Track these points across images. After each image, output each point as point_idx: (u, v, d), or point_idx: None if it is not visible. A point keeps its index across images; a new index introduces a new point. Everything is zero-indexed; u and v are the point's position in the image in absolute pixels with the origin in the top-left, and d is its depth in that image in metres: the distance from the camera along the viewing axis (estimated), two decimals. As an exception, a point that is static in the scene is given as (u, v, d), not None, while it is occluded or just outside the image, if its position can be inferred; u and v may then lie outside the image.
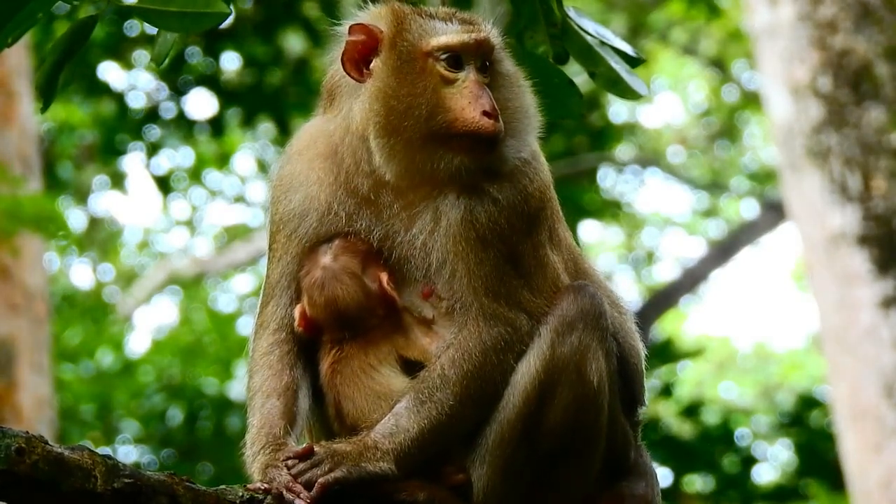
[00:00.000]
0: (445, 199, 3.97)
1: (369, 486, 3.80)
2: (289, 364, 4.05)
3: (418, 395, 3.86)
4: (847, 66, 10.41)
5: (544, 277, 3.98)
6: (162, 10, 4.01)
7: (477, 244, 3.93)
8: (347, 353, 4.01)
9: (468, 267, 3.93)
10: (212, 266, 22.24)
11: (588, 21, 4.41)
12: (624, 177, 21.84)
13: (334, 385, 4.00)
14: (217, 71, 14.83)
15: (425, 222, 3.97)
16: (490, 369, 3.89)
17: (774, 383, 22.67)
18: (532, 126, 4.06)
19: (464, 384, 3.87)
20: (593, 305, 3.92)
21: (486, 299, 3.92)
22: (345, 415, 3.97)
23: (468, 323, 3.92)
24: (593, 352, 3.89)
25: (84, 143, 18.27)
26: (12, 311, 10.60)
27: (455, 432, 3.88)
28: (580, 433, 3.89)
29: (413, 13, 4.01)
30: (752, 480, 15.60)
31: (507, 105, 4.00)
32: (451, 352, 3.90)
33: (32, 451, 3.43)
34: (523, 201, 3.99)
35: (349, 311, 4.00)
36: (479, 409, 3.89)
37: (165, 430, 16.92)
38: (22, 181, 10.14)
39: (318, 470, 3.77)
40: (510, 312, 3.92)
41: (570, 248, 4.16)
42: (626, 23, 19.34)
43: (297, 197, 4.09)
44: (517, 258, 3.96)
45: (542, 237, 4.02)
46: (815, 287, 10.50)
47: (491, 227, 3.94)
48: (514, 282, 3.94)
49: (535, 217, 4.01)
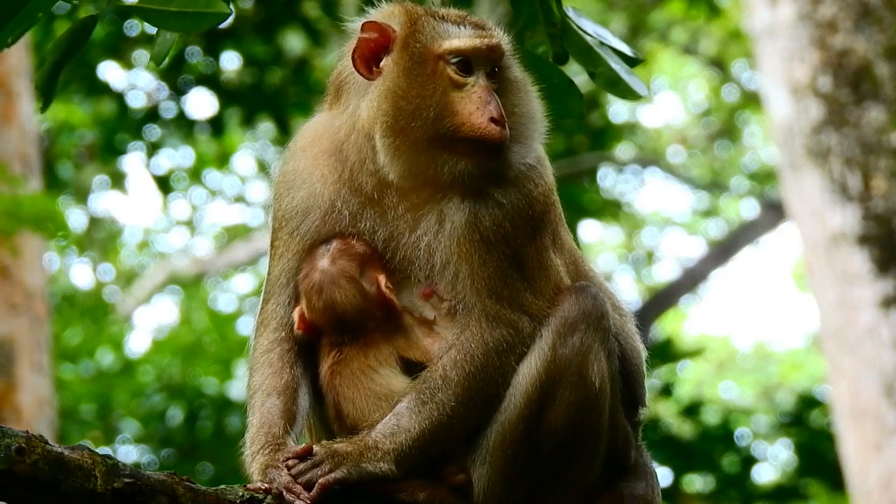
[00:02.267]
0: (450, 203, 3.97)
1: (370, 486, 3.80)
2: (289, 362, 4.04)
3: (420, 395, 3.86)
4: (847, 66, 10.42)
5: (547, 280, 3.97)
6: (162, 9, 4.01)
7: (481, 246, 3.93)
8: (347, 354, 4.00)
9: (472, 269, 3.93)
10: (212, 266, 22.23)
11: (587, 21, 4.41)
12: (624, 176, 21.85)
13: (334, 386, 3.99)
14: (217, 71, 14.83)
15: (430, 224, 3.97)
16: (492, 371, 3.88)
17: (774, 383, 22.67)
18: (538, 132, 4.06)
19: (465, 385, 3.87)
20: (595, 307, 3.92)
21: (488, 301, 3.92)
22: (345, 416, 3.97)
23: (470, 324, 3.92)
24: (595, 353, 3.88)
25: (84, 143, 18.26)
26: (12, 310, 10.59)
27: (456, 433, 3.88)
28: (581, 434, 3.88)
29: (426, 14, 4.01)
30: (752, 480, 15.59)
31: (513, 111, 3.99)
32: (453, 353, 3.90)
33: (32, 451, 3.43)
34: (528, 205, 3.99)
35: (347, 315, 4.00)
36: (480, 410, 3.88)
37: (165, 430, 16.91)
38: (22, 181, 10.13)
39: (318, 470, 3.76)
40: (513, 314, 3.92)
41: (571, 251, 4.16)
42: (625, 23, 19.34)
43: (300, 194, 4.08)
44: (520, 261, 3.96)
45: (546, 240, 4.02)
46: (815, 287, 10.50)
47: (495, 230, 3.94)
48: (518, 284, 3.94)
49: (539, 221, 4.02)
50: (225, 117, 14.89)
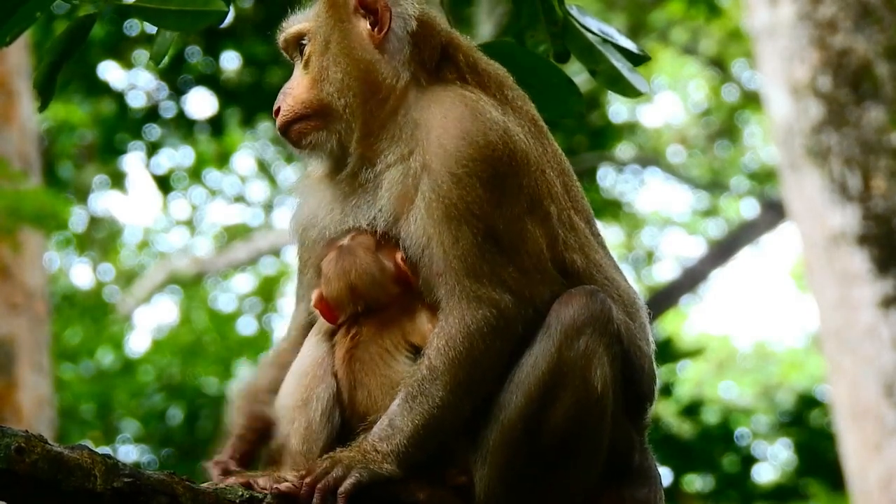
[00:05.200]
0: (397, 188, 3.94)
1: (374, 489, 3.78)
2: (278, 364, 4.09)
3: (409, 390, 3.82)
4: (847, 66, 10.42)
5: (527, 254, 3.88)
6: (161, 8, 4.01)
7: (448, 223, 3.86)
8: (364, 336, 3.97)
9: (444, 249, 3.86)
10: (212, 266, 22.24)
11: (591, 19, 4.40)
12: (624, 176, 21.85)
13: (351, 371, 3.95)
14: (217, 70, 14.85)
15: (396, 211, 3.96)
16: (478, 355, 3.82)
17: (774, 383, 22.66)
18: (349, 84, 4.01)
19: (452, 373, 3.81)
20: (603, 311, 3.85)
21: (467, 281, 3.84)
22: (357, 403, 3.94)
23: (452, 308, 3.85)
24: (599, 357, 3.84)
25: (84, 143, 18.27)
26: (12, 310, 10.60)
27: (451, 424, 3.84)
28: (581, 437, 3.86)
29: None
30: (752, 480, 15.62)
31: (322, 77, 4.05)
32: (437, 341, 3.85)
33: (32, 451, 3.43)
34: (479, 169, 3.87)
35: (362, 283, 3.96)
36: (473, 397, 3.84)
37: (165, 429, 16.92)
38: (22, 177, 10.13)
39: (331, 476, 3.74)
40: (494, 293, 3.84)
41: (578, 234, 4.05)
42: (626, 22, 19.33)
43: (305, 207, 4.15)
44: (494, 234, 3.86)
45: (517, 209, 3.90)
46: (815, 287, 10.51)
47: (454, 204, 3.85)
48: (496, 258, 3.85)
49: (503, 186, 3.89)
50: (225, 117, 14.91)
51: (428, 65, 4.02)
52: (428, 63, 4.02)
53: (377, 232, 3.98)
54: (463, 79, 4.02)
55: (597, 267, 4.05)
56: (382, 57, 3.98)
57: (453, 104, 3.94)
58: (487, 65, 4.10)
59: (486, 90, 4.01)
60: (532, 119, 4.07)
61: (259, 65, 14.64)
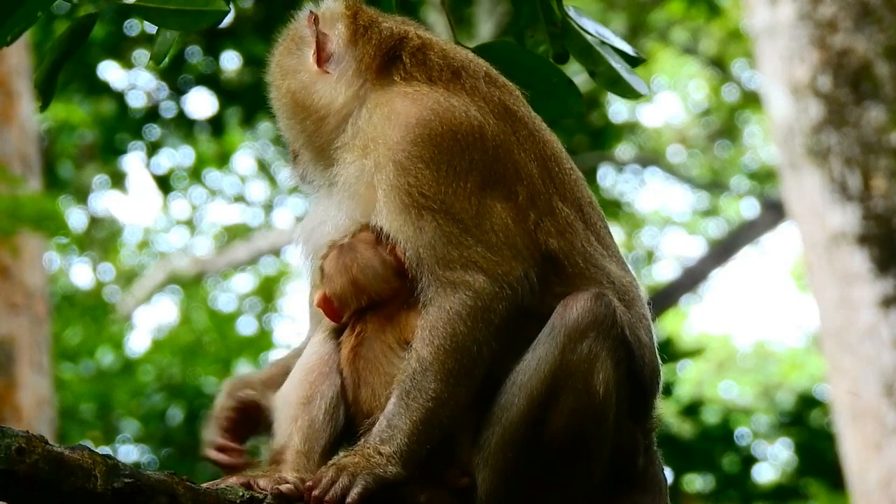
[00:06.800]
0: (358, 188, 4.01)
1: (379, 491, 3.77)
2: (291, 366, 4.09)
3: (403, 387, 3.81)
4: (847, 66, 10.42)
5: (492, 231, 3.88)
6: (161, 8, 4.01)
7: (408, 213, 3.88)
8: (369, 333, 3.97)
9: (412, 240, 3.89)
10: (212, 266, 22.24)
11: (588, 20, 4.41)
12: (624, 176, 21.85)
13: (355, 369, 3.94)
14: (217, 70, 14.84)
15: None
16: (462, 339, 3.81)
17: (774, 383, 22.66)
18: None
19: (440, 361, 3.80)
20: (608, 315, 3.83)
21: (438, 269, 3.86)
22: (361, 401, 3.93)
23: (431, 298, 3.86)
24: (602, 361, 3.82)
25: (84, 143, 18.27)
26: (12, 310, 10.59)
27: (449, 415, 3.82)
28: (583, 441, 3.85)
29: None
30: (752, 480, 15.61)
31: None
32: (421, 332, 3.85)
33: (32, 451, 3.42)
34: (423, 148, 3.91)
35: (364, 277, 3.96)
36: (466, 385, 3.82)
37: (165, 429, 16.91)
38: (22, 181, 10.13)
39: (338, 486, 3.73)
40: (466, 275, 3.84)
41: (558, 219, 4.00)
42: (626, 22, 19.34)
43: (307, 220, 4.22)
44: (454, 215, 3.87)
45: (470, 185, 3.90)
46: (815, 286, 10.51)
47: (408, 191, 3.89)
48: (463, 240, 3.86)
49: (449, 164, 3.90)
50: (225, 117, 14.90)
51: (375, 69, 4.09)
52: (374, 68, 4.09)
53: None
54: (409, 76, 4.06)
55: (581, 254, 4.01)
56: (327, 77, 4.11)
57: (391, 102, 4.00)
58: (441, 56, 4.10)
59: (432, 83, 4.04)
60: (499, 102, 4.05)
61: (259, 65, 14.58)
